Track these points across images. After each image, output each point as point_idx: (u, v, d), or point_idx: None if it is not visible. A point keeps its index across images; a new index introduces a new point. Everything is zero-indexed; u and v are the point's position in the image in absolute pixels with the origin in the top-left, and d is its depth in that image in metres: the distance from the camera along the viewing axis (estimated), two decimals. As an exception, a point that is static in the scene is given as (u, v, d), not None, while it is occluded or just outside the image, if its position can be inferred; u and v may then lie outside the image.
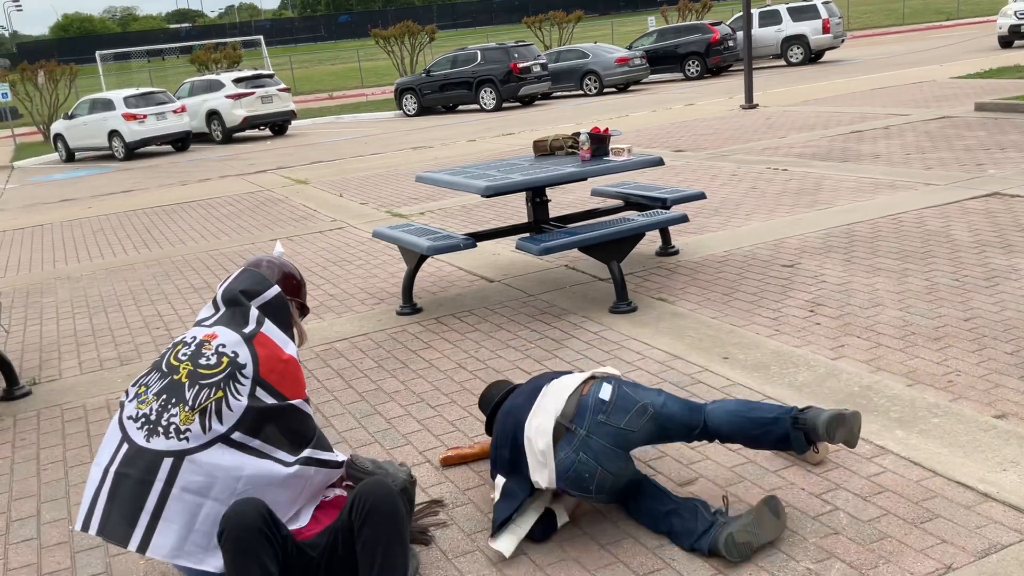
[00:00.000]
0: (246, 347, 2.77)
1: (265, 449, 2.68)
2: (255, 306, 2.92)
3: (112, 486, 2.56)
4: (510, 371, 4.47)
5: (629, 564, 2.79)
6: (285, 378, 2.81)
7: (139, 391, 2.72)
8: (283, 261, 3.18)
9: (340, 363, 4.87)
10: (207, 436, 2.60)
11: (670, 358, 4.41)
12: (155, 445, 2.58)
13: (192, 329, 2.90)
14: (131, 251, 8.93)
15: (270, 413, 2.71)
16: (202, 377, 2.67)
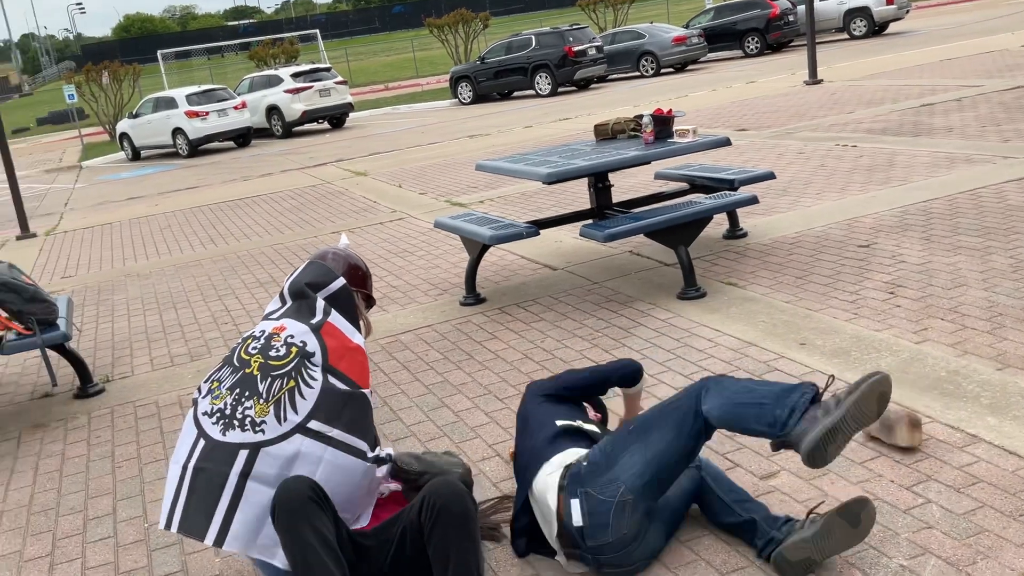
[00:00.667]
0: (314, 337, 2.76)
1: (343, 438, 2.65)
2: (321, 298, 2.90)
3: (191, 482, 2.55)
4: (577, 361, 4.39)
5: (712, 562, 2.69)
6: (353, 366, 2.79)
7: (212, 387, 2.71)
8: (348, 253, 3.16)
9: (406, 355, 4.84)
10: (283, 427, 2.59)
11: (743, 345, 4.28)
12: (231, 438, 2.57)
13: (261, 323, 2.90)
14: (197, 247, 9.05)
15: (345, 399, 2.69)
16: (273, 369, 2.66)
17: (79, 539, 3.39)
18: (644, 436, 2.59)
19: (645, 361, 4.26)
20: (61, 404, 4.91)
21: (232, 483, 2.52)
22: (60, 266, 9.10)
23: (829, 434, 2.38)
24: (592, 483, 2.58)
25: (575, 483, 2.61)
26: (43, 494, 3.81)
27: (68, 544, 3.36)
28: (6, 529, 3.55)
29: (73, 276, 8.50)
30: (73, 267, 8.96)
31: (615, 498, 2.53)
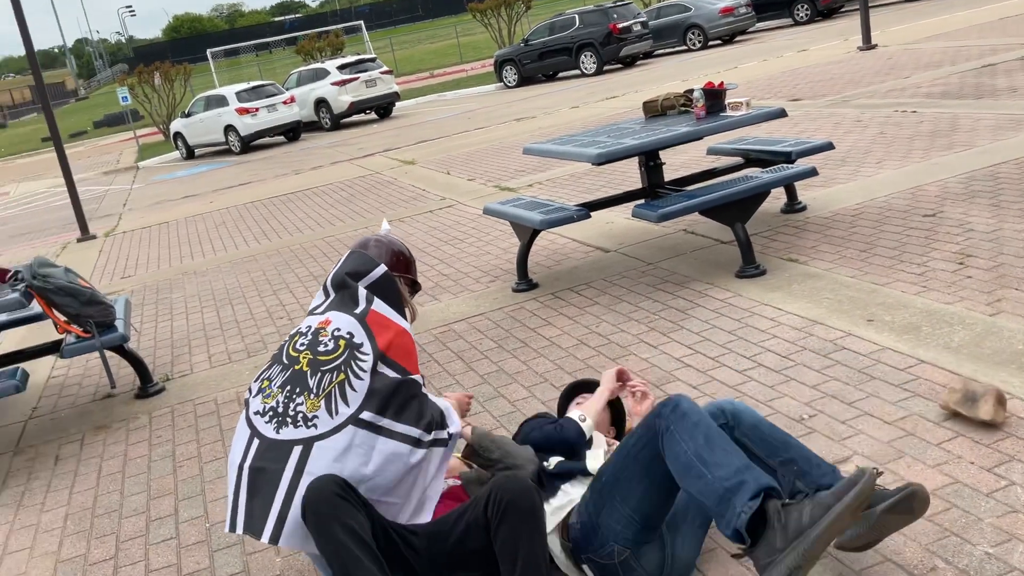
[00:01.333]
0: (360, 326, 2.72)
1: (395, 427, 2.60)
2: (363, 286, 2.86)
3: (249, 482, 2.51)
4: (634, 345, 4.29)
5: (783, 553, 2.58)
6: (401, 351, 2.75)
7: (263, 385, 2.68)
8: (391, 239, 3.12)
9: (459, 345, 4.78)
10: (335, 420, 2.54)
11: (808, 324, 4.13)
12: (285, 436, 2.53)
13: (306, 319, 2.85)
14: (252, 242, 9.11)
15: (395, 387, 2.64)
16: (322, 364, 2.62)
17: (142, 541, 3.40)
18: (617, 489, 2.44)
19: (705, 344, 4.14)
20: (122, 405, 4.96)
21: (287, 479, 2.47)
22: (120, 266, 9.24)
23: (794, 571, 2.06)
24: (588, 548, 2.49)
25: (577, 549, 2.54)
26: (106, 496, 3.84)
27: (131, 546, 3.37)
28: (71, 532, 3.58)
29: (132, 276, 8.62)
30: (132, 267, 9.09)
31: (615, 559, 2.44)
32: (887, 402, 3.32)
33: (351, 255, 2.98)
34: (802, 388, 3.55)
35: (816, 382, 3.58)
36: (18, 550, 3.52)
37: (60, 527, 3.64)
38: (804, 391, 3.53)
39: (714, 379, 3.78)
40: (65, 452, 4.42)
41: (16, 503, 3.94)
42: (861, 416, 3.26)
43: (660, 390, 3.78)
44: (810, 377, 3.63)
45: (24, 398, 5.42)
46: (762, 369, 3.78)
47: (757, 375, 3.74)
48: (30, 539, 3.59)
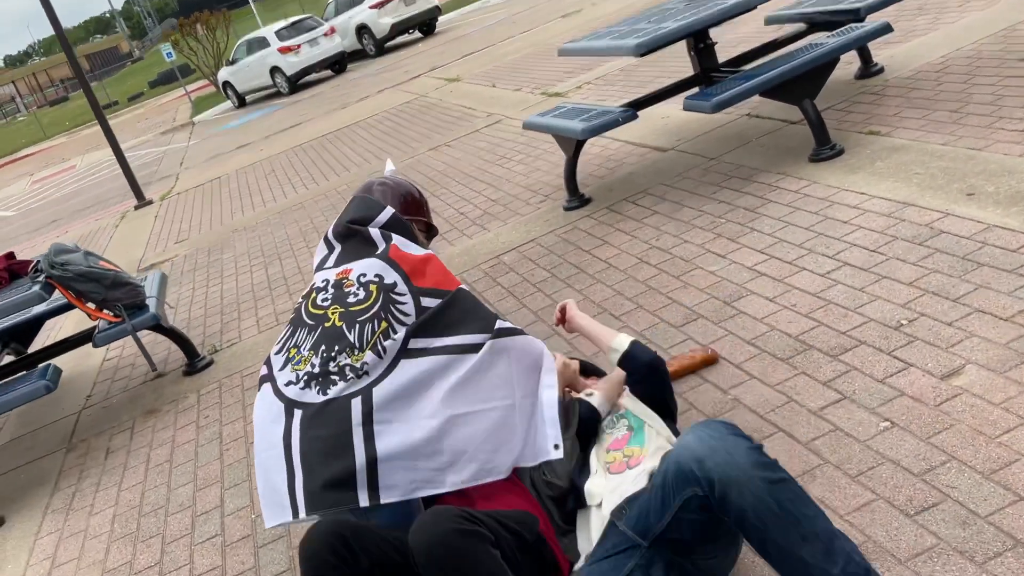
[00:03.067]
0: (386, 264, 2.38)
1: (451, 341, 2.27)
2: (374, 228, 2.52)
3: (304, 457, 2.14)
4: (700, 257, 3.81)
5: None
6: (435, 276, 2.41)
7: (290, 355, 2.32)
8: (397, 181, 2.78)
9: (510, 279, 4.38)
10: (386, 360, 2.22)
11: (898, 207, 3.58)
12: (336, 393, 2.19)
13: (317, 275, 2.49)
14: (300, 188, 8.81)
15: (440, 309, 2.32)
16: (358, 314, 2.28)
17: (187, 541, 3.17)
18: None
19: (779, 246, 3.64)
20: (172, 384, 4.75)
21: (359, 435, 2.12)
22: (174, 231, 9.08)
23: None
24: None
25: None
26: (153, 491, 3.62)
27: (176, 548, 3.14)
28: (118, 536, 3.38)
29: (186, 240, 8.44)
30: (185, 230, 8.92)
31: None
32: (1001, 293, 2.80)
33: (353, 202, 2.62)
34: (897, 287, 3.05)
35: (913, 277, 3.07)
36: (66, 561, 3.34)
37: (107, 531, 3.44)
38: (900, 290, 3.02)
39: (793, 287, 3.30)
40: (116, 443, 4.24)
41: (66, 507, 3.77)
42: (971, 315, 2.76)
43: (732, 307, 3.32)
44: (905, 272, 3.12)
45: (79, 386, 5.28)
46: (848, 269, 3.28)
47: (843, 277, 3.25)
48: (78, 548, 3.41)
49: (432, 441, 2.16)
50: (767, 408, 2.69)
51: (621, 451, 2.33)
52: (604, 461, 2.32)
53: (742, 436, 1.79)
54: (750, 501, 1.70)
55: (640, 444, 2.32)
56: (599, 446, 2.39)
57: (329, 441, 2.13)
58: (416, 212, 2.75)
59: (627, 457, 2.29)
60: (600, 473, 2.28)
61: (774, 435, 2.55)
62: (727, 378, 2.92)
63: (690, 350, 3.08)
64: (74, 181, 19.26)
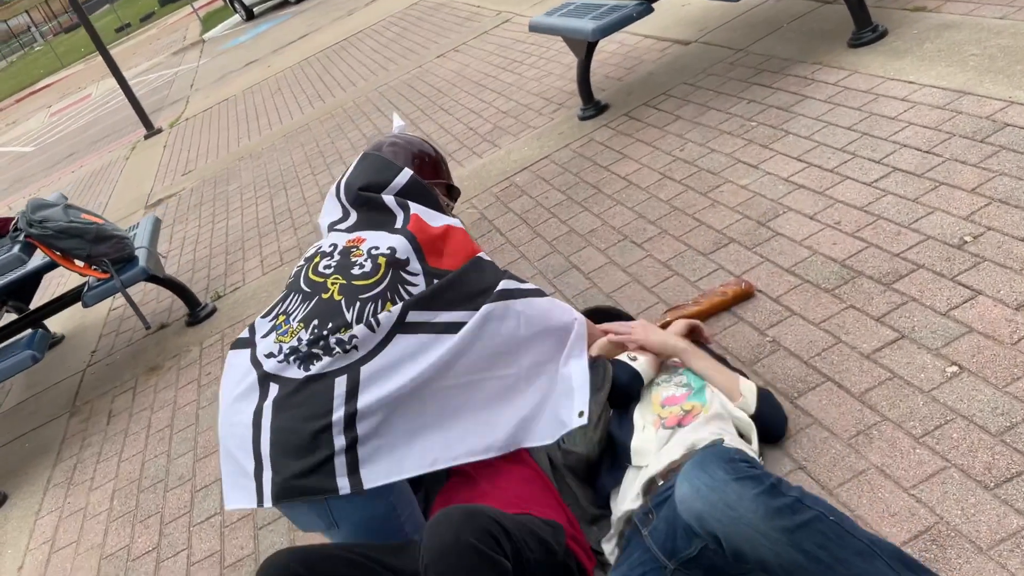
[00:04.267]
0: (402, 238, 2.05)
1: (455, 316, 1.98)
2: (388, 195, 2.19)
3: (275, 444, 1.86)
4: (729, 169, 3.41)
5: (969, 478, 1.81)
6: (457, 254, 2.10)
7: (277, 322, 2.02)
8: (409, 139, 2.41)
9: (523, 203, 4.01)
10: (379, 334, 1.92)
11: (953, 97, 3.13)
12: (319, 369, 1.89)
13: (329, 236, 2.18)
14: (306, 107, 8.40)
15: (449, 280, 2.03)
16: (361, 290, 1.97)
17: (186, 521, 2.94)
18: None
19: (819, 151, 3.22)
20: (175, 336, 4.50)
21: (340, 417, 1.84)
22: (181, 161, 8.76)
23: None
24: None
25: None
26: (153, 461, 3.40)
27: (175, 531, 2.92)
28: (117, 515, 3.17)
29: (193, 171, 8.12)
30: (193, 159, 8.59)
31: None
32: (1084, 199, 2.40)
33: (363, 160, 2.29)
34: (957, 196, 2.65)
35: (976, 183, 2.66)
36: (65, 545, 3.15)
37: (107, 509, 3.24)
38: (961, 199, 2.62)
39: (836, 200, 2.90)
40: (118, 405, 4.02)
41: (67, 480, 3.57)
42: (1050, 227, 2.36)
43: (767, 228, 2.94)
44: (966, 176, 2.71)
45: (85, 340, 5.06)
46: (898, 176, 2.87)
47: (893, 185, 2.84)
48: (77, 529, 3.21)
49: (417, 418, 1.88)
50: (812, 351, 2.34)
51: (679, 406, 2.03)
52: (657, 415, 2.02)
53: (747, 477, 1.45)
54: (769, 554, 1.39)
55: (702, 402, 2.02)
56: (648, 401, 2.09)
57: (305, 425, 1.85)
58: (433, 174, 2.39)
59: (685, 412, 1.99)
60: (649, 428, 1.98)
61: (821, 385, 2.21)
62: (764, 315, 2.56)
63: (720, 285, 2.72)
64: (90, 111, 18.90)
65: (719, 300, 2.65)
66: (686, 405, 2.02)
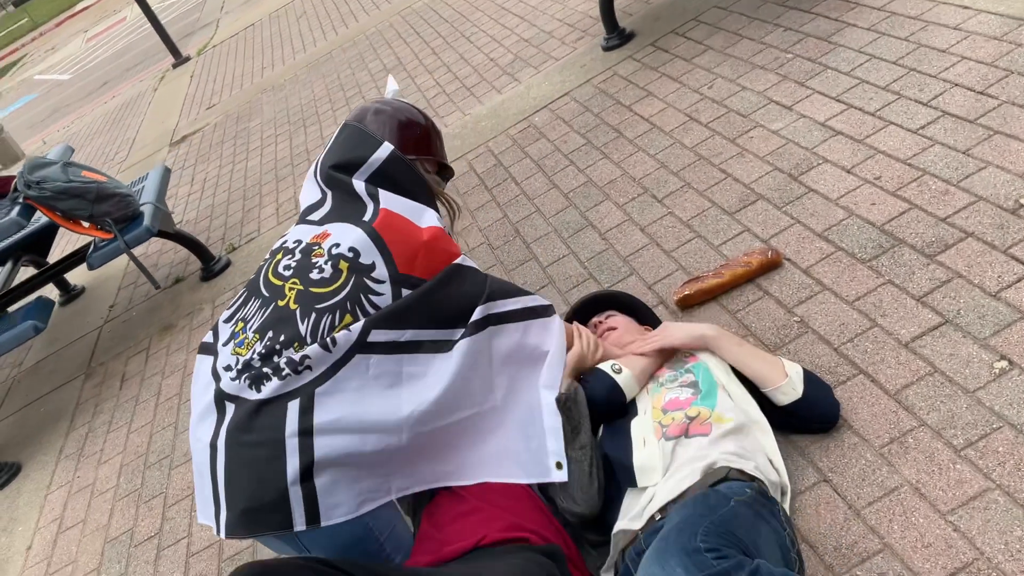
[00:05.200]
0: (367, 238, 1.82)
1: (425, 335, 1.77)
2: (360, 179, 1.94)
3: (229, 474, 1.71)
4: (760, 111, 3.10)
5: (1016, 508, 1.59)
6: (434, 264, 1.85)
7: (235, 329, 1.84)
8: (398, 106, 2.13)
9: (540, 148, 3.74)
10: (335, 354, 1.71)
11: (1012, 26, 2.78)
12: (269, 392, 1.71)
13: (296, 228, 1.97)
14: (329, 34, 8.10)
15: (418, 293, 1.80)
16: (318, 299, 1.76)
17: (187, 504, 2.84)
18: None
19: (860, 90, 2.91)
20: (189, 291, 4.37)
21: (294, 447, 1.67)
22: (207, 94, 8.54)
23: None
24: None
25: None
26: (160, 434, 3.30)
27: (177, 514, 2.83)
28: (123, 494, 3.09)
29: (216, 104, 7.91)
30: (218, 91, 8.37)
31: None
32: None
33: (342, 133, 2.05)
34: (1014, 147, 2.35)
35: (1038, 131, 2.35)
36: (73, 525, 3.08)
37: (113, 486, 3.16)
38: (1018, 152, 2.33)
39: (877, 151, 2.61)
40: (131, 369, 3.92)
41: (78, 451, 3.50)
42: (1122, 188, 2.06)
43: (799, 183, 2.66)
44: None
45: (105, 292, 4.98)
46: (948, 121, 2.56)
47: (941, 133, 2.54)
48: (84, 507, 3.14)
49: (385, 453, 1.70)
50: (844, 336, 2.10)
51: (683, 411, 1.81)
52: (657, 422, 1.80)
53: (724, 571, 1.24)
54: None
55: (710, 407, 1.79)
56: (647, 406, 1.87)
57: (257, 453, 1.68)
58: (422, 148, 2.11)
59: (690, 418, 1.77)
60: (651, 440, 1.77)
61: (853, 379, 1.98)
62: (793, 289, 2.32)
63: (744, 254, 2.46)
64: (124, 36, 18.69)
65: (742, 271, 2.40)
66: (691, 410, 1.81)
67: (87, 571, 2.80)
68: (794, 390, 1.85)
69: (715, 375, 1.91)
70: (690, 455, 1.70)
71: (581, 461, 1.78)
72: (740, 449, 1.71)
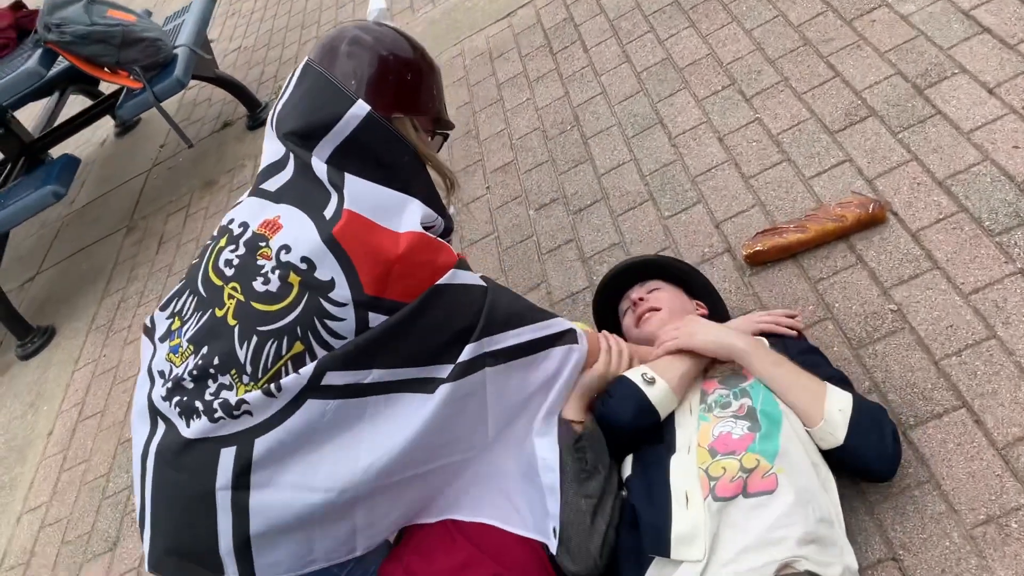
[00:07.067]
0: (324, 248, 1.37)
1: (396, 375, 1.40)
2: (322, 159, 1.44)
3: (154, 505, 1.45)
4: None
5: None
6: (414, 276, 1.40)
7: (171, 327, 1.52)
8: (380, 35, 1.54)
9: (619, 2, 3.14)
10: (280, 400, 1.37)
11: None
12: (197, 431, 1.40)
13: (247, 201, 1.53)
14: None
15: (388, 326, 1.38)
16: (262, 319, 1.37)
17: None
18: None
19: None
20: (235, 141, 4.06)
21: (226, 502, 1.39)
22: None
23: None
24: None
25: None
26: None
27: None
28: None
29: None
30: None
31: None
32: None
33: (303, 79, 1.51)
34: None
35: None
36: (92, 415, 2.95)
37: (134, 375, 2.99)
38: None
39: None
40: (170, 229, 3.70)
41: (108, 324, 3.35)
42: None
43: (924, 98, 2.08)
44: None
45: (157, 128, 4.69)
46: None
47: None
48: (105, 394, 3.00)
49: (338, 511, 1.39)
50: (950, 345, 1.63)
51: (738, 458, 1.42)
52: (703, 472, 1.42)
53: None
54: None
55: (771, 454, 1.40)
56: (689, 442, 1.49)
57: (185, 499, 1.40)
58: (410, 103, 1.53)
59: (746, 473, 1.39)
60: (696, 499, 1.39)
61: (951, 414, 1.54)
62: (895, 261, 1.83)
63: (838, 203, 1.95)
64: None
65: (833, 227, 1.91)
66: (747, 458, 1.40)
67: (98, 475, 2.68)
68: (832, 435, 1.44)
69: (780, 403, 1.50)
70: (750, 534, 1.32)
71: (583, 510, 1.44)
72: (818, 538, 1.32)
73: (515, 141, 2.86)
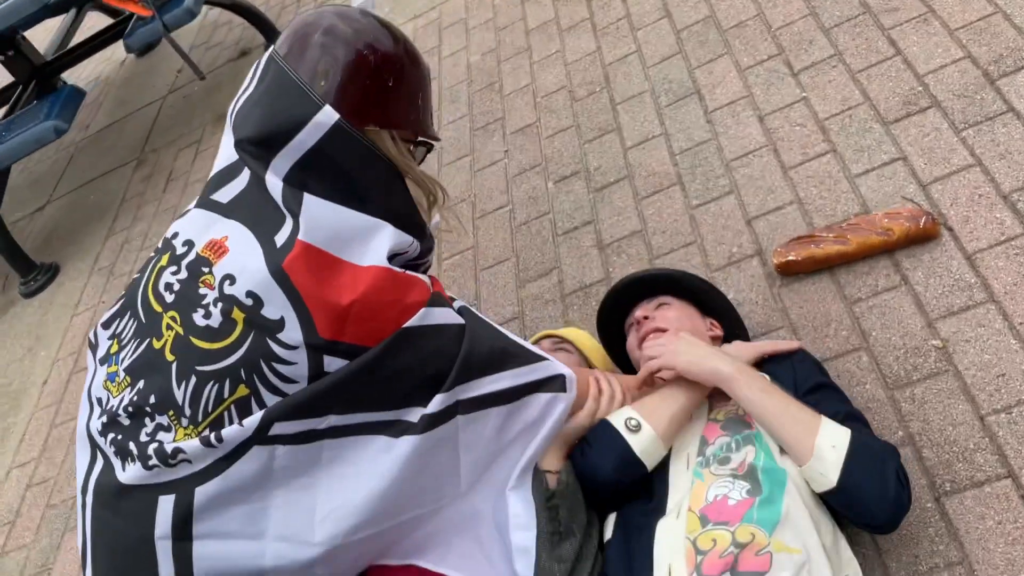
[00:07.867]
0: (273, 282, 1.17)
1: (347, 421, 1.23)
2: (276, 174, 1.21)
3: (93, 536, 1.32)
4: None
5: None
6: (376, 317, 1.20)
7: (110, 350, 1.35)
8: (360, 27, 1.26)
9: None
10: (221, 450, 1.21)
11: None
12: (132, 477, 1.25)
13: (192, 213, 1.33)
14: None
15: (346, 374, 1.20)
16: (201, 357, 1.20)
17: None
18: None
19: None
20: (251, 72, 3.84)
21: (166, 553, 1.25)
22: None
23: None
24: None
25: None
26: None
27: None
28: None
29: None
30: None
31: None
32: None
33: (265, 75, 1.25)
34: None
35: None
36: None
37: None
38: None
39: None
40: (179, 166, 3.54)
41: (110, 268, 3.23)
42: None
43: (996, 89, 1.83)
44: None
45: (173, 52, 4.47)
46: None
47: None
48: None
49: (294, 567, 1.25)
50: (999, 399, 1.44)
51: (731, 530, 1.23)
52: (690, 542, 1.24)
53: None
54: None
55: (771, 524, 1.22)
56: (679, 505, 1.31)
57: (122, 544, 1.27)
58: (385, 112, 1.27)
59: (739, 548, 1.21)
60: (679, 571, 1.21)
61: (995, 483, 1.36)
62: (945, 286, 1.61)
63: (886, 213, 1.72)
64: None
65: (878, 241, 1.69)
66: (741, 532, 1.22)
67: (87, 435, 2.58)
68: (824, 476, 1.25)
69: (786, 460, 1.31)
70: None
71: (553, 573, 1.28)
72: None
73: (540, 100, 2.63)
